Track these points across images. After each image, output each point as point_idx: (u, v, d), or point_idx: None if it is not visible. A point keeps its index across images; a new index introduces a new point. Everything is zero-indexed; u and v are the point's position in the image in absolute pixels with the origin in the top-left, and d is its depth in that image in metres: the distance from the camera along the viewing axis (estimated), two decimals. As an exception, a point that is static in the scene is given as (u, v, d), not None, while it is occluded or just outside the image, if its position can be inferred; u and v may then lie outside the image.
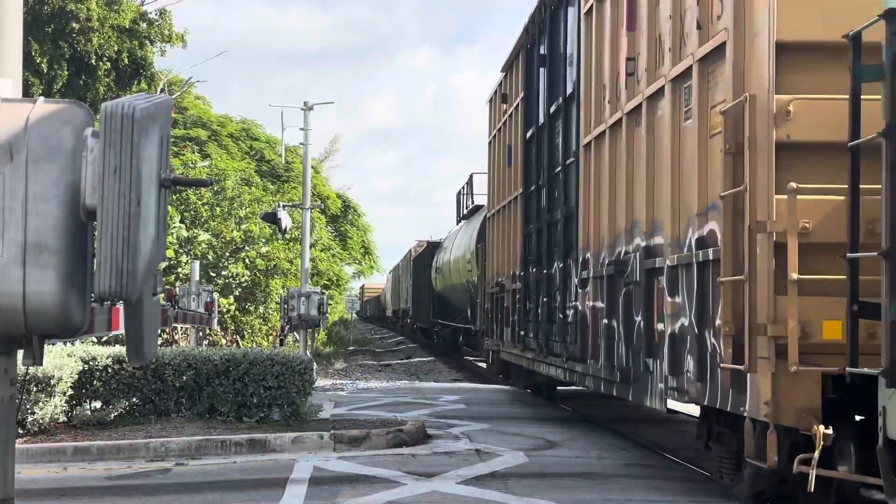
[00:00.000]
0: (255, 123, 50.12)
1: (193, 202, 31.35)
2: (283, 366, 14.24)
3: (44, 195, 3.99)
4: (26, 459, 11.55)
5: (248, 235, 31.92)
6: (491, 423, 15.91)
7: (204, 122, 46.03)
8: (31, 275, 3.96)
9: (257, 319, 33.51)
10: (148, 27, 30.69)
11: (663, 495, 10.15)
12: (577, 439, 14.25)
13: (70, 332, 4.14)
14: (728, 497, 10.28)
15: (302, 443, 12.82)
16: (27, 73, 26.04)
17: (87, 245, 4.12)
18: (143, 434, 12.96)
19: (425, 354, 40.04)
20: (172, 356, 14.28)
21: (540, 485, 10.49)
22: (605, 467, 11.80)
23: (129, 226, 3.91)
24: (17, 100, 4.40)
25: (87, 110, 4.20)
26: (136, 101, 3.99)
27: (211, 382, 14.19)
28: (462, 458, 12.25)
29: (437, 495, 9.96)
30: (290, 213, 26.80)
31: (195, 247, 29.90)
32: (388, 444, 13.18)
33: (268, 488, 10.31)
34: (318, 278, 43.13)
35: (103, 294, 3.93)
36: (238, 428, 13.50)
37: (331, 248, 50.04)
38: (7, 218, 3.96)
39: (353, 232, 55.88)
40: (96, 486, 10.64)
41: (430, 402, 19.61)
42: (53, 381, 12.69)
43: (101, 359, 13.99)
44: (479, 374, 28.44)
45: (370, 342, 54.17)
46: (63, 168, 4.02)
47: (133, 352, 4.36)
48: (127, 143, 3.93)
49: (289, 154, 43.36)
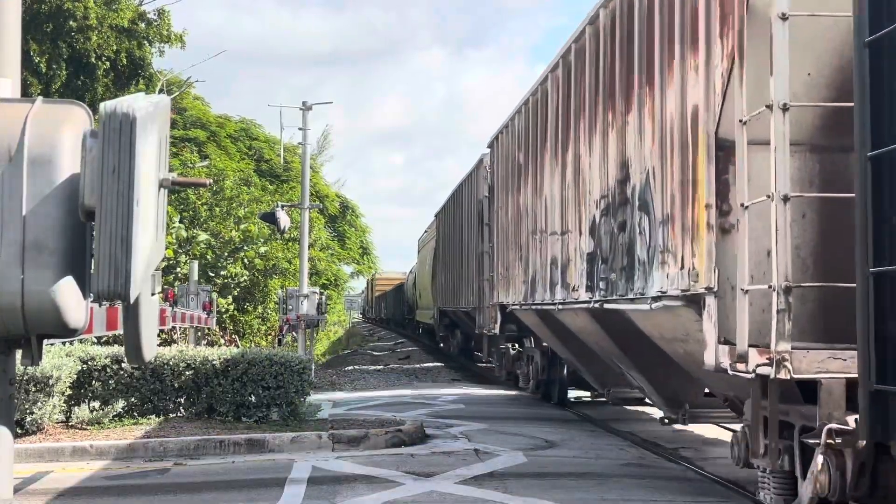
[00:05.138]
0: (253, 123, 50.20)
1: (192, 202, 31.40)
2: (282, 366, 14.24)
3: (42, 195, 3.99)
4: (25, 459, 11.55)
5: (247, 235, 31.98)
6: (489, 422, 15.92)
7: (203, 123, 46.04)
8: (30, 275, 3.97)
9: (256, 319, 33.55)
10: (146, 27, 30.74)
11: (662, 495, 10.15)
12: (575, 439, 14.25)
13: (69, 331, 4.14)
14: (727, 497, 10.29)
15: (300, 443, 12.83)
16: (26, 73, 26.05)
17: (86, 245, 4.13)
18: (142, 434, 12.96)
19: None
20: (171, 356, 14.28)
21: (538, 485, 10.49)
22: (604, 467, 11.80)
23: (128, 226, 3.91)
24: (16, 100, 4.41)
25: (85, 110, 4.21)
26: (134, 102, 3.99)
27: (209, 382, 14.19)
28: (461, 457, 12.25)
29: (436, 495, 9.96)
30: (289, 213, 26.79)
31: (194, 247, 29.93)
32: (386, 443, 13.19)
33: (266, 488, 10.30)
34: (316, 278, 43.15)
35: (102, 294, 3.94)
36: (236, 428, 13.50)
37: (329, 247, 50.06)
38: (6, 218, 3.96)
39: (352, 233, 55.92)
40: (95, 485, 10.64)
41: (428, 402, 19.61)
42: (52, 380, 12.69)
43: (100, 359, 13.99)
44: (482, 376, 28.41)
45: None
46: (62, 168, 4.02)
47: (132, 352, 4.36)
48: (126, 143, 3.93)
49: (288, 154, 43.40)
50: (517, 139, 17.80)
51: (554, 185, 14.32)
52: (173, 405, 14.31)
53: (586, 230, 12.33)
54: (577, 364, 16.35)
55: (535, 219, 15.77)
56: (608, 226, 11.24)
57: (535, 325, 17.26)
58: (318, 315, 25.17)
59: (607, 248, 11.27)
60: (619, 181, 11.05)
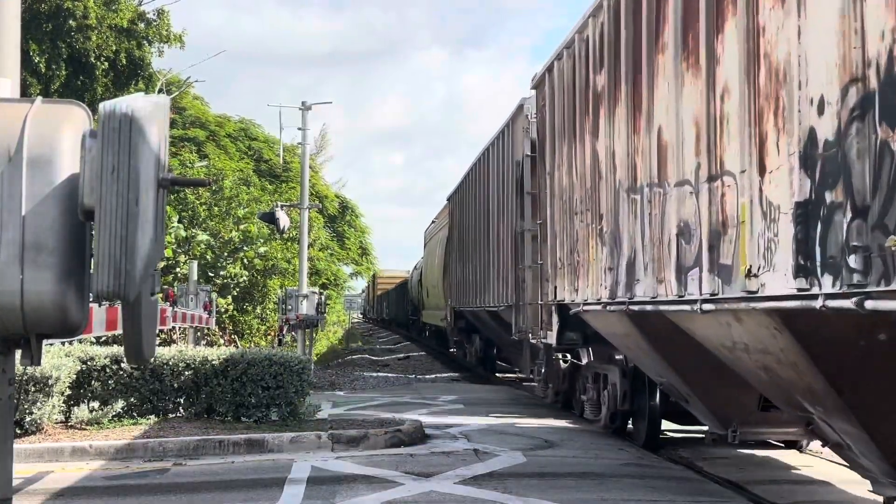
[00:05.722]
0: (253, 123, 50.21)
1: (192, 202, 31.40)
2: (282, 366, 14.24)
3: (42, 195, 3.99)
4: (24, 459, 11.54)
5: (247, 235, 31.97)
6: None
7: (202, 122, 46.06)
8: (30, 275, 3.96)
9: (255, 319, 33.55)
10: (146, 27, 30.74)
11: (661, 495, 10.15)
12: (574, 439, 14.24)
13: (68, 331, 4.13)
14: (727, 497, 10.29)
15: (300, 443, 12.82)
16: (25, 73, 26.05)
17: (86, 245, 4.12)
18: (141, 434, 12.96)
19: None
20: (170, 356, 14.28)
21: (538, 485, 10.49)
22: (603, 467, 11.80)
23: (128, 226, 3.91)
24: (15, 99, 4.40)
25: (85, 110, 4.20)
26: (134, 101, 3.99)
27: (209, 382, 14.19)
28: (460, 458, 12.24)
29: (436, 495, 9.96)
30: (289, 213, 26.79)
31: (193, 247, 29.93)
32: (386, 443, 13.18)
33: (266, 488, 10.30)
34: (316, 277, 43.16)
35: (101, 294, 3.93)
36: (236, 428, 13.50)
37: (329, 247, 50.07)
38: (5, 218, 3.96)
39: (351, 233, 55.92)
40: (94, 486, 10.63)
41: (428, 401, 19.60)
42: (51, 381, 12.68)
43: (99, 359, 13.99)
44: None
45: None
46: (61, 168, 4.02)
47: (131, 352, 4.36)
48: (125, 142, 3.93)
49: (287, 154, 43.40)
50: (594, 56, 12.53)
51: (687, 100, 9.16)
52: (173, 405, 14.30)
53: (789, 162, 7.00)
54: (688, 391, 11.21)
55: (635, 169, 10.72)
56: (864, 141, 6.02)
57: (622, 333, 12.01)
58: (317, 315, 25.16)
59: (866, 188, 5.99)
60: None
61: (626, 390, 13.85)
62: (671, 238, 9.43)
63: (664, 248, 9.62)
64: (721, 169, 8.33)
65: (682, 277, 9.11)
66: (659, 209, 9.82)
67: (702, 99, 8.73)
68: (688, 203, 9.03)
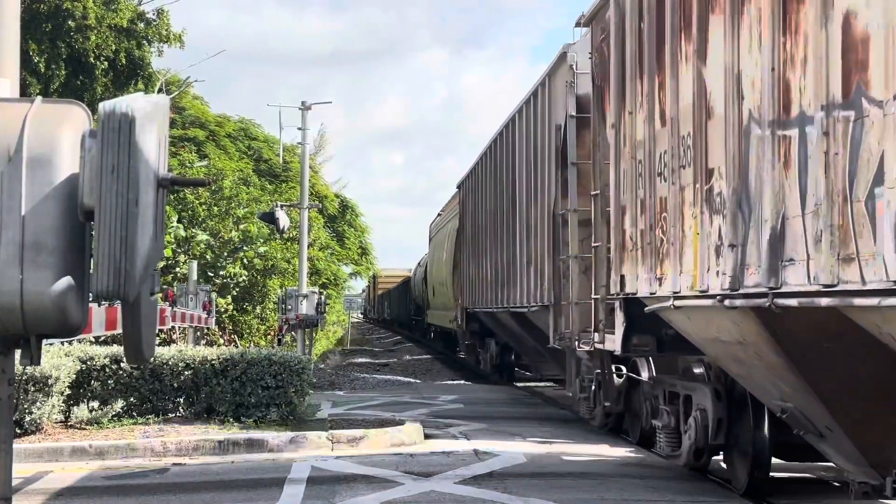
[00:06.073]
0: (252, 123, 50.13)
1: (191, 202, 31.37)
2: (281, 366, 14.23)
3: (42, 195, 3.99)
4: (24, 459, 11.53)
5: (246, 235, 31.95)
6: (489, 422, 15.89)
7: (202, 122, 46.03)
8: (29, 274, 3.96)
9: (255, 319, 33.53)
10: (145, 27, 30.72)
11: (661, 495, 10.15)
12: (574, 439, 14.24)
13: (68, 331, 4.13)
14: (726, 496, 10.28)
15: (300, 442, 12.82)
16: (25, 73, 26.04)
17: (85, 245, 4.12)
18: (141, 434, 12.96)
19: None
20: (170, 356, 14.27)
21: (538, 484, 10.48)
22: (603, 467, 11.80)
23: (127, 225, 3.91)
24: (15, 99, 4.40)
25: (85, 110, 4.20)
26: (133, 101, 3.99)
27: (209, 382, 14.18)
28: (460, 457, 12.24)
29: (435, 495, 9.96)
30: (288, 213, 26.78)
31: (193, 246, 29.91)
32: (385, 443, 13.18)
33: (266, 488, 10.30)
34: (316, 277, 43.14)
35: (101, 294, 3.93)
36: (236, 428, 13.49)
37: (329, 247, 50.04)
38: (5, 218, 3.96)
39: (351, 233, 55.88)
40: (94, 485, 10.63)
41: (427, 401, 19.59)
42: (51, 380, 12.68)
43: (99, 358, 13.98)
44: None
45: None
46: (61, 168, 4.02)
47: (131, 352, 4.36)
48: (125, 142, 3.93)
49: (287, 154, 43.38)
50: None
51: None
52: (172, 405, 14.29)
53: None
54: (829, 422, 7.86)
55: (787, 89, 7.05)
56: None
57: (734, 339, 8.44)
58: (317, 315, 25.15)
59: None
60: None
61: (722, 417, 10.41)
62: (875, 190, 5.84)
63: (857, 207, 6.05)
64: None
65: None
66: (845, 145, 6.19)
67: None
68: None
